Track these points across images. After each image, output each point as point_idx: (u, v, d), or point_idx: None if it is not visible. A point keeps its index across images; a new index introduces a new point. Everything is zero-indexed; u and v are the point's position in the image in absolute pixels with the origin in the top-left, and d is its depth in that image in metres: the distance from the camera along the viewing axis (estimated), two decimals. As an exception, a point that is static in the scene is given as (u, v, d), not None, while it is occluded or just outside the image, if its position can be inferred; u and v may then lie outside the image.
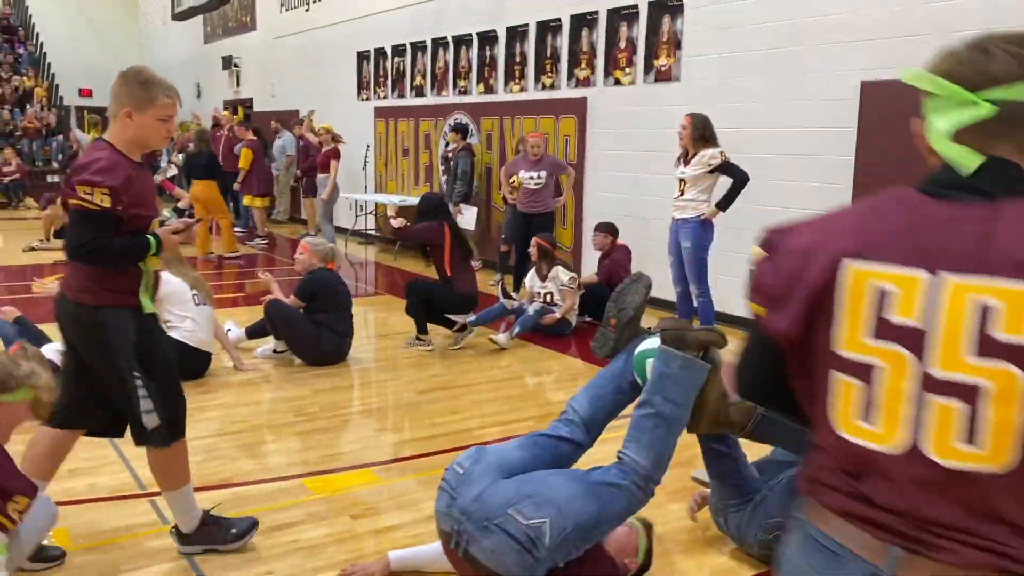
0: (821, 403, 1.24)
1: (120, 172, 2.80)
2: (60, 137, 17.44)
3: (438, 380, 5.58)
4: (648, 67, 7.99)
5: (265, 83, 15.80)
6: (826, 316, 1.21)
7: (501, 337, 6.37)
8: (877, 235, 1.20)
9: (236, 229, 11.83)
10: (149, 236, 2.91)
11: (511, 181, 8.29)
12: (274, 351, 5.86)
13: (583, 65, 8.73)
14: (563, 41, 8.94)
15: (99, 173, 2.77)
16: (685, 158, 6.32)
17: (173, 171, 13.40)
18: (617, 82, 8.34)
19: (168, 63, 21.13)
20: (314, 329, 5.71)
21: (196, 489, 3.25)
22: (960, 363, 1.11)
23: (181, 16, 17.26)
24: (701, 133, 6.20)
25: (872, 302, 1.17)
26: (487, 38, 10.05)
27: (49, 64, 20.95)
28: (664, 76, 7.84)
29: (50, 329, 4.37)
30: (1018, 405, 1.08)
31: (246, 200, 12.41)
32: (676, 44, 7.70)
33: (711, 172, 6.15)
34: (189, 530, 3.13)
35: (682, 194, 6.33)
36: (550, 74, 9.17)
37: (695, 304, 6.41)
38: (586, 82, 8.71)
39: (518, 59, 9.62)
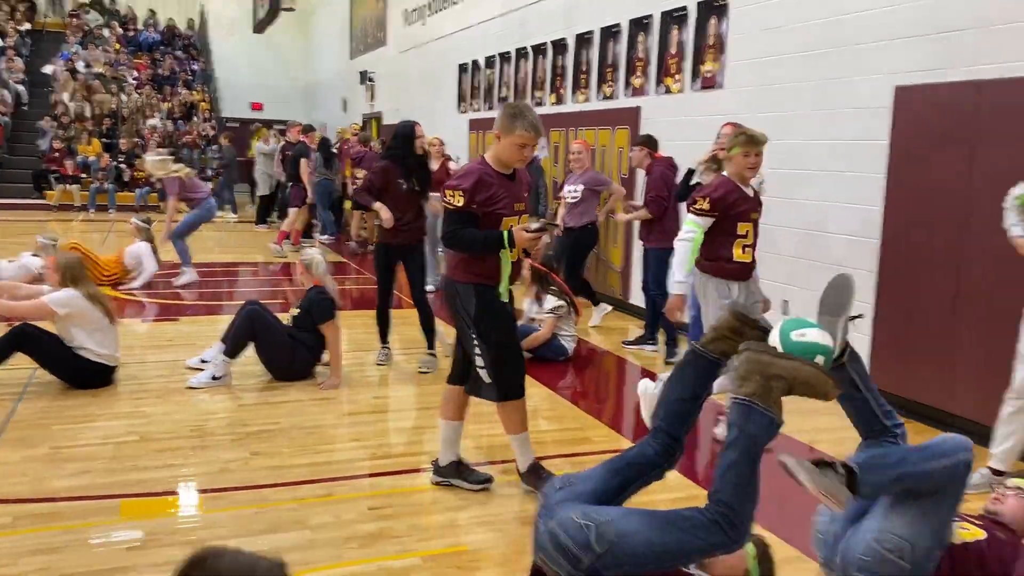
0: None
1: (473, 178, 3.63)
2: (215, 147, 18.66)
3: (369, 403, 5.29)
4: (695, 74, 7.28)
5: (393, 97, 16.14)
6: None
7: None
8: None
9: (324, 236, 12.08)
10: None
11: (559, 196, 7.89)
12: (212, 377, 5.38)
13: (638, 73, 8.12)
14: (622, 47, 8.37)
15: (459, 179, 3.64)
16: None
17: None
18: (668, 90, 7.68)
19: (321, 79, 22.24)
20: (289, 342, 5.55)
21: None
22: None
23: (258, 28, 18.11)
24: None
25: None
26: (560, 46, 9.63)
27: (216, 79, 22.54)
28: (709, 83, 7.11)
29: None
30: None
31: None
32: (721, 48, 6.95)
33: None
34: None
35: None
36: (611, 83, 8.61)
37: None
38: (641, 91, 8.09)
39: (584, 68, 9.13)
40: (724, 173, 4.60)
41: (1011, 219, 4.18)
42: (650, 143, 6.76)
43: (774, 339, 2.67)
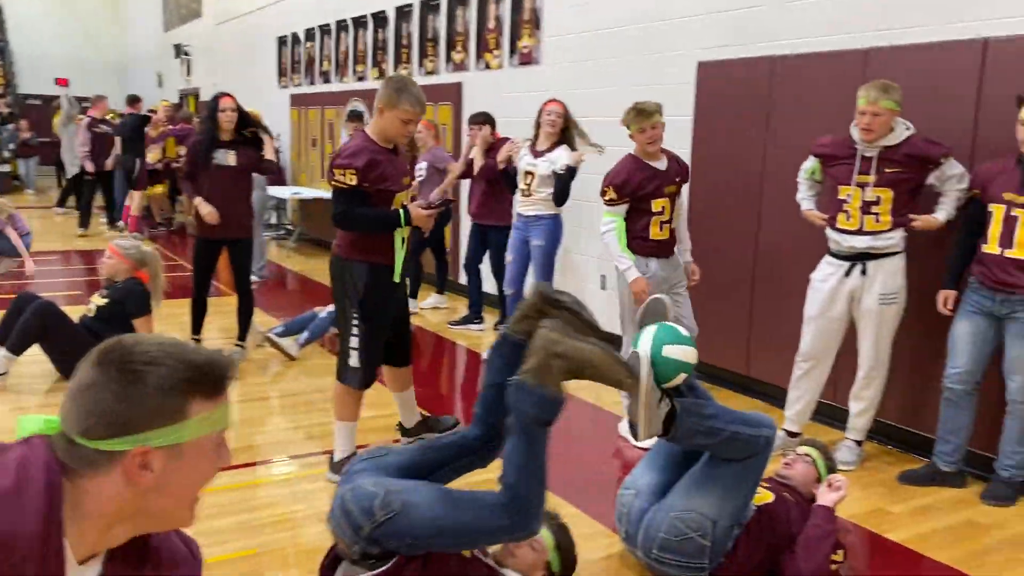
0: None
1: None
2: (11, 126, 17.07)
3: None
4: (513, 49, 7.24)
5: (211, 72, 15.28)
6: None
7: (289, 344, 5.67)
8: None
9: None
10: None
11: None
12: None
13: (459, 48, 7.99)
14: (442, 21, 8.21)
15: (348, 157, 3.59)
16: (534, 149, 5.58)
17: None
18: (487, 66, 7.60)
19: (134, 52, 20.83)
20: (89, 339, 5.01)
21: None
22: None
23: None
24: (567, 127, 5.53)
25: None
26: (380, 19, 9.36)
27: (12, 51, 20.62)
28: (527, 59, 7.08)
29: None
30: None
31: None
32: (536, 23, 6.93)
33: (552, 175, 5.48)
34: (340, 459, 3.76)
35: (529, 188, 5.63)
36: (432, 58, 8.45)
37: None
38: (462, 66, 7.98)
39: (404, 42, 8.91)
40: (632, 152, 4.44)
41: (802, 192, 4.36)
42: (490, 120, 6.60)
43: (644, 347, 2.70)
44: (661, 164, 4.42)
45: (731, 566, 2.86)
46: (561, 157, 5.44)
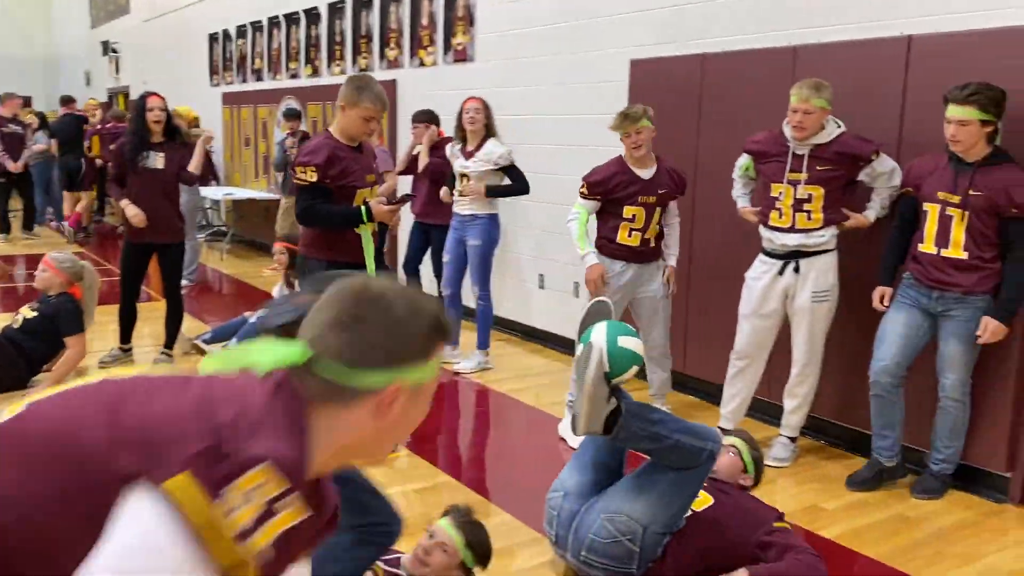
0: None
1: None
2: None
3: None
4: (447, 46, 7.14)
5: (140, 70, 14.84)
6: None
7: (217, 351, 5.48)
8: None
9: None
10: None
11: None
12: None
13: (392, 44, 7.86)
14: (375, 18, 8.07)
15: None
16: (465, 150, 5.48)
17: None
18: (422, 63, 7.49)
19: (61, 50, 20.16)
20: (11, 351, 4.80)
21: None
22: None
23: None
24: (490, 119, 5.43)
25: None
26: (312, 16, 9.17)
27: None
28: (461, 56, 6.99)
29: None
30: None
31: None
32: (470, 20, 6.84)
33: (497, 170, 5.38)
34: None
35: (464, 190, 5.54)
36: (366, 55, 8.30)
37: (477, 308, 5.59)
38: (396, 63, 7.85)
39: (338, 39, 8.74)
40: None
41: (737, 189, 4.36)
42: (433, 119, 6.46)
43: (599, 340, 2.78)
44: (647, 172, 4.41)
45: (659, 571, 2.83)
46: (494, 150, 5.35)
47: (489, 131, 5.43)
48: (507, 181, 5.45)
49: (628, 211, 4.36)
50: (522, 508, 3.52)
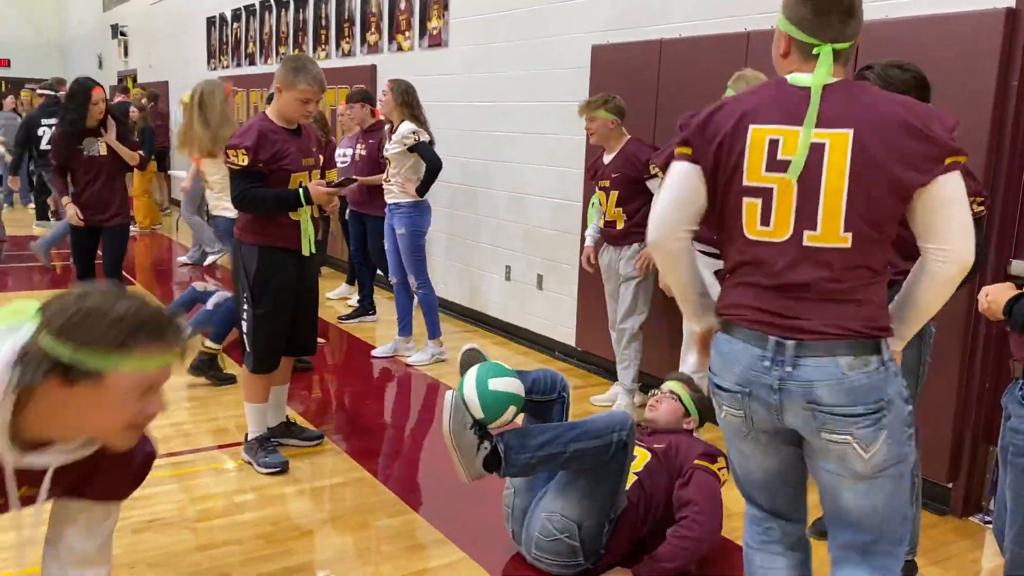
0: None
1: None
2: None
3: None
4: (423, 31, 7.00)
5: (146, 53, 14.86)
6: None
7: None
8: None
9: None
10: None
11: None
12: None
13: (373, 29, 7.74)
14: (358, 2, 7.94)
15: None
16: (391, 135, 5.35)
17: None
18: (399, 48, 7.36)
19: (74, 33, 20.27)
20: None
21: None
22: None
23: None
24: (403, 100, 5.24)
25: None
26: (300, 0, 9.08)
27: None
28: (436, 41, 6.84)
29: None
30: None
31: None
32: (445, 5, 6.69)
33: (410, 151, 5.20)
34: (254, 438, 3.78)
35: (388, 175, 5.39)
36: (348, 39, 8.19)
37: (417, 297, 5.45)
38: (376, 48, 7.73)
39: (323, 23, 8.64)
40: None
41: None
42: (369, 99, 6.36)
43: (469, 385, 2.71)
44: (607, 157, 4.51)
45: (612, 557, 2.86)
46: (402, 131, 5.16)
47: (407, 114, 5.23)
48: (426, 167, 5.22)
49: (597, 194, 4.56)
50: (473, 545, 3.39)
